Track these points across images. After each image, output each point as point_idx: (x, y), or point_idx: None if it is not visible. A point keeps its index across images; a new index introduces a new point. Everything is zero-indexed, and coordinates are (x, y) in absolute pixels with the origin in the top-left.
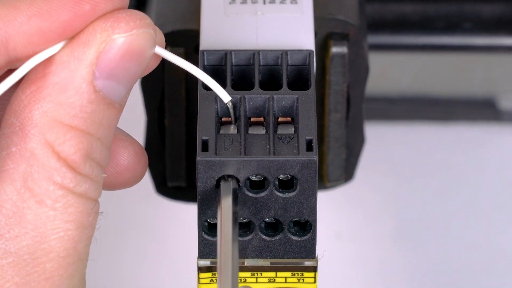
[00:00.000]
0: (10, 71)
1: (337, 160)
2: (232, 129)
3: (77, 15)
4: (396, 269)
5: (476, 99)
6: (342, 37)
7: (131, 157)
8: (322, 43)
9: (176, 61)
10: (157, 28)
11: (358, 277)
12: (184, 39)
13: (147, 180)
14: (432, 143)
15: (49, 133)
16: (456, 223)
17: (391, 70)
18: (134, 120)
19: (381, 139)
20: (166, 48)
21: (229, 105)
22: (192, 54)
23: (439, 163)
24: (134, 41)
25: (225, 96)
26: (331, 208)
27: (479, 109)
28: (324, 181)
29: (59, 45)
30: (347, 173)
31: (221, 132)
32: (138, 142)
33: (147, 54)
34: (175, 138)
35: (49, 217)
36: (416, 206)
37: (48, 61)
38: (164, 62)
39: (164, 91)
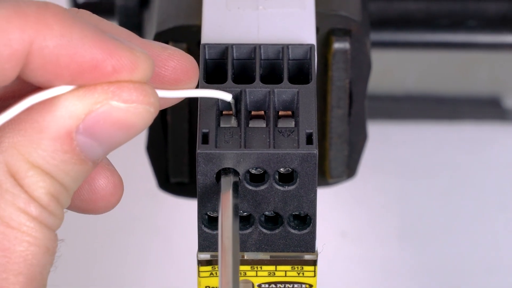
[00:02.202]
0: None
1: (339, 156)
2: (233, 122)
3: (96, 69)
4: (401, 268)
5: (481, 98)
6: (345, 33)
7: (109, 188)
8: (325, 39)
9: (172, 95)
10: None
11: (363, 275)
12: (186, 35)
13: (150, 176)
14: (437, 142)
15: (12, 165)
16: (461, 222)
17: (395, 68)
18: None
19: (386, 138)
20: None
21: (232, 101)
22: (194, 49)
23: (444, 162)
24: (129, 114)
25: (226, 96)
26: (337, 206)
27: (484, 108)
28: (327, 177)
29: (66, 88)
30: (349, 170)
31: (222, 125)
32: (119, 174)
33: (138, 129)
34: (178, 134)
35: (17, 239)
36: (421, 205)
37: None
38: None
39: None
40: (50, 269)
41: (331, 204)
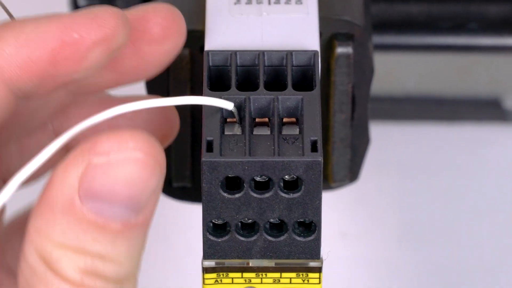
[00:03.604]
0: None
1: (342, 161)
2: (237, 130)
3: (65, 42)
4: (401, 269)
5: (482, 99)
6: (347, 38)
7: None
8: (327, 44)
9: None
10: None
11: (363, 277)
12: (189, 40)
13: None
14: (437, 143)
15: (40, 249)
16: (461, 223)
17: (396, 70)
18: None
19: (386, 139)
20: None
21: (234, 110)
22: (197, 55)
23: (444, 163)
24: (113, 169)
25: (228, 105)
26: (337, 208)
27: (485, 109)
28: (329, 181)
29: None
30: (352, 173)
31: (226, 132)
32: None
33: (143, 176)
34: (181, 138)
35: None
36: (421, 206)
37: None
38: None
39: (169, 91)
40: None
41: (332, 205)
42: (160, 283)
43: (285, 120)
